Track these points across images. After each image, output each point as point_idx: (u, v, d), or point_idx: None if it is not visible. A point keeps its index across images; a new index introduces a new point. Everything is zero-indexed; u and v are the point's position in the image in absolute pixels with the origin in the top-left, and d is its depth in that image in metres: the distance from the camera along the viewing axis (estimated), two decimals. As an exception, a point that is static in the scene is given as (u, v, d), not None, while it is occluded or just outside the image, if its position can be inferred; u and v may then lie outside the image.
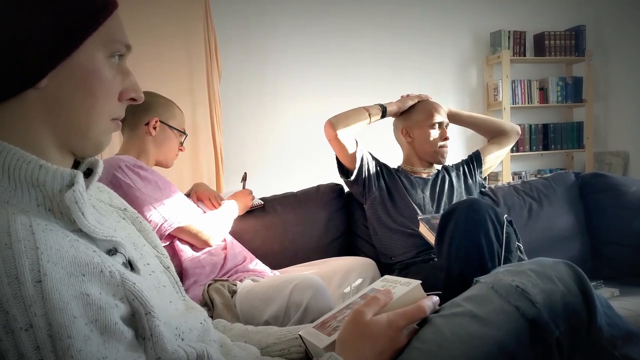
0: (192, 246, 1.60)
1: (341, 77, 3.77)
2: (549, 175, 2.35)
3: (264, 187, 2.61)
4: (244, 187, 2.04)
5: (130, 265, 0.67)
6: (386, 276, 0.89)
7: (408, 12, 3.91)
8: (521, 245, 1.56)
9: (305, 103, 3.71)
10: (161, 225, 1.48)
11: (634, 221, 2.12)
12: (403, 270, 1.81)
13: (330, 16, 3.76)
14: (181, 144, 1.74)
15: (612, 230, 2.15)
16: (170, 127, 1.67)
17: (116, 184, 1.42)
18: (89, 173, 0.71)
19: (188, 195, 1.84)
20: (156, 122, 1.63)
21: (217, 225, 1.66)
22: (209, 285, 1.46)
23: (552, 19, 4.14)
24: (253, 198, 2.00)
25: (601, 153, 4.16)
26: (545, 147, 4.15)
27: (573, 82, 4.12)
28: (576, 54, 4.05)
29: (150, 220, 1.46)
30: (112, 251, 0.65)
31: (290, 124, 3.71)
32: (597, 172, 2.33)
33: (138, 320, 0.60)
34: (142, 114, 1.61)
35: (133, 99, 0.71)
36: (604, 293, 1.74)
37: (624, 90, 3.99)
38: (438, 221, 1.51)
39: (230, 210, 1.79)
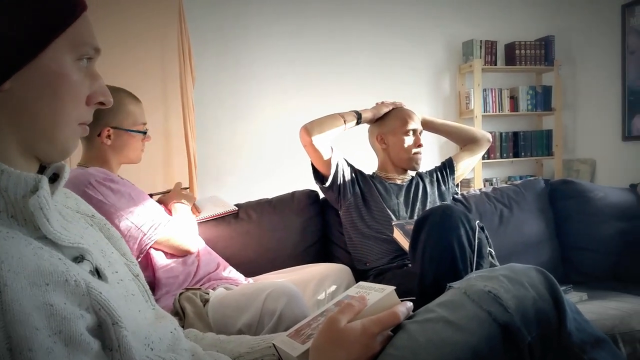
0: (165, 254, 1.56)
1: (316, 83, 3.78)
2: (519, 182, 2.39)
3: (239, 194, 2.59)
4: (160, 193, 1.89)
5: (97, 273, 0.65)
6: (361, 282, 0.89)
7: (383, 21, 3.94)
8: (493, 251, 1.59)
9: (280, 109, 3.70)
10: (141, 239, 1.44)
11: (601, 227, 2.17)
12: (378, 276, 1.82)
13: (306, 23, 3.77)
14: (144, 133, 1.58)
15: (581, 236, 2.20)
16: (126, 130, 1.53)
17: (88, 202, 1.36)
18: (55, 178, 0.69)
19: (160, 202, 1.79)
20: (108, 130, 1.50)
21: (192, 231, 1.62)
22: (181, 294, 1.43)
23: (522, 29, 4.23)
24: (186, 188, 1.88)
25: (569, 160, 4.26)
26: (516, 155, 4.23)
27: (542, 91, 4.22)
28: (545, 63, 4.15)
29: (129, 236, 1.41)
30: (79, 258, 0.63)
31: (265, 129, 3.70)
32: (566, 179, 2.39)
33: (105, 330, 0.59)
34: (92, 124, 1.51)
35: (101, 103, 0.70)
36: (572, 298, 1.77)
37: (591, 99, 4.10)
38: (412, 227, 1.52)
39: (185, 211, 1.73)
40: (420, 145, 2.02)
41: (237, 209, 2.04)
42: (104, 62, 0.71)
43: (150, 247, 1.48)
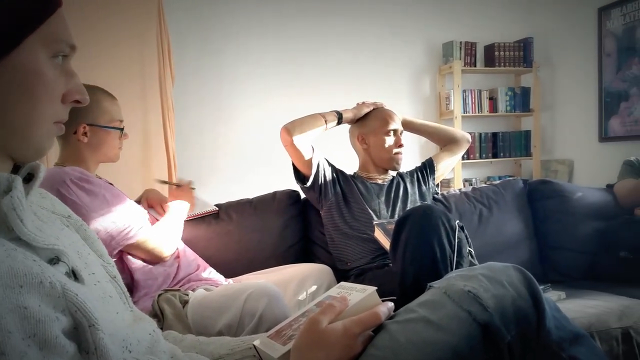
0: (144, 259, 1.53)
1: (297, 83, 3.77)
2: (498, 182, 2.42)
3: (220, 194, 2.56)
4: (172, 184, 1.88)
5: (74, 274, 0.63)
6: (342, 283, 0.89)
7: (365, 22, 3.95)
8: (472, 250, 1.60)
9: (261, 108, 3.69)
10: (109, 243, 1.40)
11: (579, 226, 2.21)
12: (359, 276, 1.82)
13: (287, 23, 3.76)
14: (121, 130, 1.56)
15: (559, 235, 2.23)
16: (102, 126, 1.50)
17: (61, 201, 1.33)
18: (29, 178, 0.67)
19: (139, 201, 1.77)
20: (84, 127, 1.47)
21: (168, 236, 1.58)
22: (160, 295, 1.41)
23: (501, 31, 4.29)
24: (190, 184, 1.86)
25: (548, 161, 4.32)
26: (495, 155, 4.28)
27: (521, 92, 4.28)
28: (524, 65, 4.21)
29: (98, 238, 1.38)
30: (54, 260, 0.61)
31: (246, 129, 3.68)
32: (544, 179, 2.42)
33: (81, 333, 0.57)
34: (67, 123, 1.48)
35: (77, 101, 0.68)
36: (551, 296, 1.80)
37: (569, 101, 4.17)
38: (393, 226, 1.52)
39: (179, 213, 1.71)
40: (401, 146, 2.02)
41: (217, 209, 2.02)
42: (81, 60, 0.69)
43: (119, 250, 1.45)
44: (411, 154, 3.80)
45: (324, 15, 3.85)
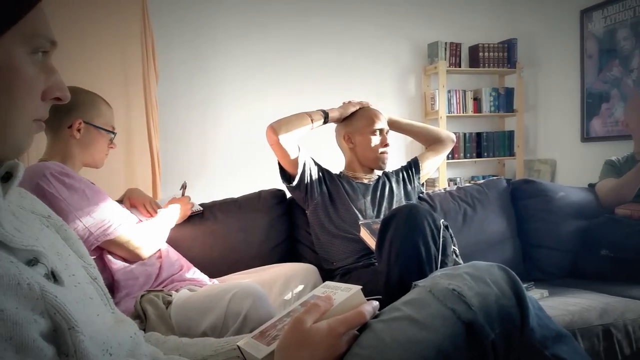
0: (123, 258, 1.52)
1: (283, 82, 3.76)
2: (482, 181, 2.43)
3: (205, 193, 2.55)
4: (182, 195, 1.96)
5: (53, 276, 0.62)
6: (327, 282, 0.89)
7: (351, 22, 3.96)
8: (457, 249, 1.61)
9: (247, 107, 3.67)
10: (87, 238, 1.38)
11: (561, 225, 2.24)
12: (344, 275, 1.82)
13: (274, 22, 3.75)
14: (111, 141, 1.61)
15: (541, 234, 2.26)
16: (97, 127, 1.55)
17: (40, 194, 1.31)
18: (8, 177, 0.66)
19: (120, 201, 1.75)
20: (80, 123, 1.50)
21: (150, 236, 1.57)
22: (142, 296, 1.39)
23: (486, 31, 4.32)
24: (192, 206, 1.93)
25: (531, 160, 4.37)
26: (479, 155, 4.31)
27: (505, 93, 4.32)
28: (508, 65, 4.24)
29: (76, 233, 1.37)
30: (33, 262, 0.60)
31: (231, 128, 3.66)
32: (527, 179, 2.44)
33: (60, 335, 0.56)
34: (64, 115, 1.49)
35: (58, 99, 0.67)
36: (534, 294, 1.82)
37: (551, 102, 4.22)
38: (379, 226, 1.53)
39: (168, 218, 1.71)
40: (386, 145, 2.03)
41: (202, 209, 2.01)
42: (63, 58, 0.68)
43: (98, 245, 1.43)
44: (397, 153, 3.81)
45: (309, 15, 3.85)
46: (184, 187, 1.99)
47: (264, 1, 3.73)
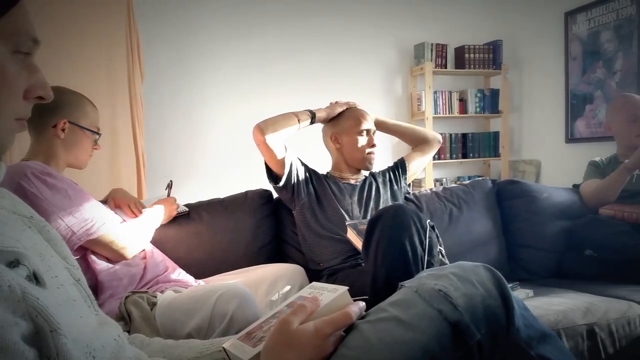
0: (107, 258, 1.50)
1: (270, 82, 3.75)
2: (468, 182, 2.45)
3: (191, 194, 2.53)
4: (168, 195, 1.95)
5: (35, 278, 0.61)
6: (314, 283, 0.88)
7: (338, 23, 3.96)
8: (443, 249, 1.62)
9: (234, 106, 3.66)
10: (70, 238, 1.37)
11: (546, 225, 2.26)
12: (331, 276, 1.82)
13: (259, 22, 3.74)
14: (95, 142, 1.60)
15: (526, 234, 2.28)
16: (82, 127, 1.54)
17: (21, 194, 1.29)
18: (-12, 178, 0.65)
19: (105, 202, 1.73)
20: (65, 123, 1.49)
21: (134, 236, 1.56)
22: (127, 297, 1.37)
23: (472, 33, 4.35)
24: (178, 207, 1.92)
25: (515, 161, 4.41)
26: (464, 156, 4.34)
27: (490, 94, 4.35)
28: (493, 67, 4.28)
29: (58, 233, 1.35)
30: (14, 263, 0.59)
31: (218, 127, 3.64)
32: (512, 179, 2.47)
33: (42, 338, 0.55)
34: (49, 114, 1.48)
35: (41, 97, 0.66)
36: (519, 294, 1.83)
37: (536, 103, 4.27)
38: (365, 227, 1.53)
39: (152, 219, 1.70)
40: (373, 145, 2.03)
41: (187, 209, 1.99)
42: (47, 55, 0.67)
43: (81, 245, 1.42)
44: (383, 153, 3.82)
45: (295, 16, 3.84)
46: (169, 186, 1.98)
47: (251, 1, 3.71)
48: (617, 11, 3.50)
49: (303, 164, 2.01)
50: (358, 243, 1.74)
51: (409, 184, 2.24)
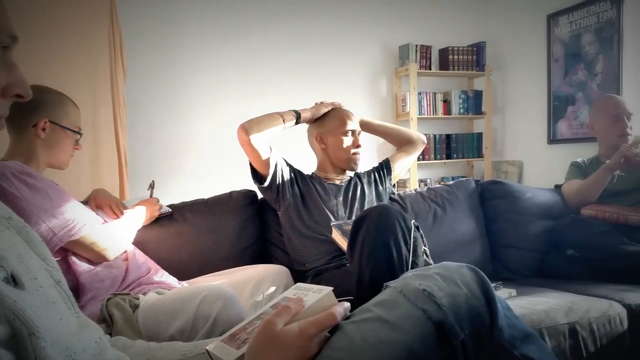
0: (88, 259, 1.48)
1: (254, 82, 3.74)
2: (451, 182, 2.46)
3: (174, 194, 2.51)
4: (151, 196, 1.92)
5: (13, 280, 0.59)
6: (298, 284, 0.88)
7: (322, 23, 3.96)
8: (427, 250, 1.62)
9: (218, 106, 3.63)
10: (50, 239, 1.34)
11: (528, 225, 2.28)
12: (316, 276, 1.81)
13: (244, 22, 3.72)
14: (77, 142, 1.58)
15: (509, 234, 2.30)
16: (63, 127, 1.51)
17: (1, 194, 1.27)
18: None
19: (86, 202, 1.71)
20: (45, 123, 1.47)
21: (116, 238, 1.54)
22: (108, 299, 1.35)
23: (455, 34, 4.39)
24: (160, 207, 1.90)
25: (498, 162, 4.45)
26: (448, 156, 4.37)
27: (474, 96, 4.39)
28: (477, 68, 4.32)
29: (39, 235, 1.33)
30: (-9, 265, 0.57)
31: (201, 127, 3.61)
32: (495, 180, 2.49)
33: (20, 342, 0.54)
34: (30, 114, 1.45)
35: (19, 96, 0.64)
36: (502, 294, 1.84)
37: (519, 104, 4.31)
38: (350, 227, 1.53)
39: (134, 220, 1.68)
40: (358, 146, 2.03)
41: (170, 210, 1.97)
42: (27, 51, 0.65)
43: (62, 247, 1.40)
44: (368, 154, 3.83)
45: (280, 16, 3.83)
46: (151, 186, 1.96)
47: (235, 2, 3.69)
48: (598, 14, 3.55)
49: (288, 164, 2.01)
50: (343, 244, 1.74)
51: (394, 185, 2.24)
